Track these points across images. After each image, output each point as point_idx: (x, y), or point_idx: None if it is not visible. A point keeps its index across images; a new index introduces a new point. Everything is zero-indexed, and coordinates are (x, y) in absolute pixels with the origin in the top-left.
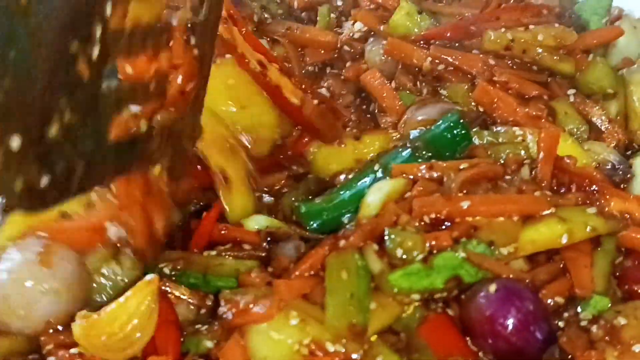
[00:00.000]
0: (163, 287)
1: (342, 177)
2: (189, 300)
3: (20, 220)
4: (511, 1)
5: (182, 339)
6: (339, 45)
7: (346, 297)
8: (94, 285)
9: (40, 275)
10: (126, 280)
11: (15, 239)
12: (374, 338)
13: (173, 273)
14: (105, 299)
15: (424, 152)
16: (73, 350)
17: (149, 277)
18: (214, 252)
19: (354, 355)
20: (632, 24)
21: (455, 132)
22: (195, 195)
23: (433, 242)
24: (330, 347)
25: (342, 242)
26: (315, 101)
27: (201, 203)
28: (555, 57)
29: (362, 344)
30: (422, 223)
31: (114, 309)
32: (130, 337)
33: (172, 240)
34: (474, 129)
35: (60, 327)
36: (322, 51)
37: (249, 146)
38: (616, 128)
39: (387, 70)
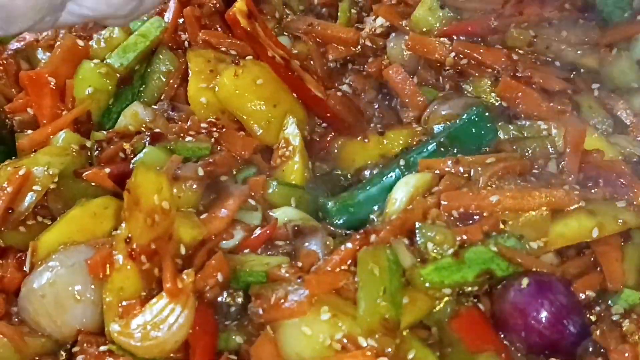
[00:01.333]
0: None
1: (367, 172)
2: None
3: (72, 227)
4: None
5: None
6: (360, 41)
7: (379, 292)
8: None
9: (80, 286)
10: None
11: (67, 244)
12: (405, 333)
13: None
14: None
15: (449, 147)
16: (102, 348)
17: (185, 274)
18: None
19: (387, 350)
20: None
21: (480, 125)
22: None
23: (464, 237)
24: (363, 342)
25: (372, 237)
26: (339, 93)
27: None
28: (578, 52)
29: (394, 338)
30: (451, 217)
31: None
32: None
33: None
34: (499, 123)
35: None
36: (344, 47)
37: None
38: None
39: (409, 65)
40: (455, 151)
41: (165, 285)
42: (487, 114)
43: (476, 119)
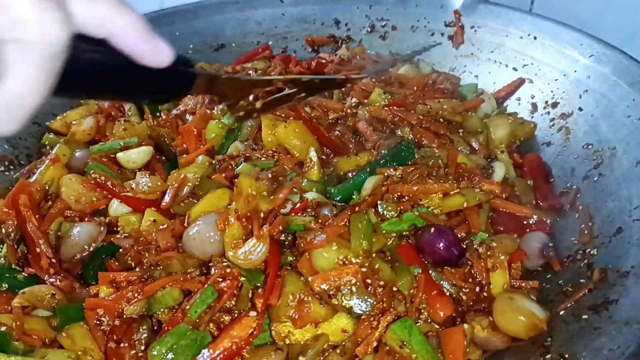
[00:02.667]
0: None
1: (350, 174)
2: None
3: (207, 204)
4: (430, 83)
5: None
6: (344, 110)
7: (361, 235)
8: None
9: (212, 233)
10: None
11: (205, 213)
12: (374, 255)
13: None
14: None
15: (391, 162)
16: (224, 263)
17: (264, 228)
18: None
19: (365, 264)
20: (487, 97)
21: (407, 150)
22: None
23: (401, 207)
24: (354, 260)
25: (357, 208)
26: (336, 134)
27: None
28: (452, 115)
29: (369, 258)
30: (394, 198)
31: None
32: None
33: None
34: (416, 149)
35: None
36: (336, 112)
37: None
38: (482, 148)
39: (369, 121)
40: (394, 164)
41: (254, 232)
42: (410, 145)
43: (404, 147)
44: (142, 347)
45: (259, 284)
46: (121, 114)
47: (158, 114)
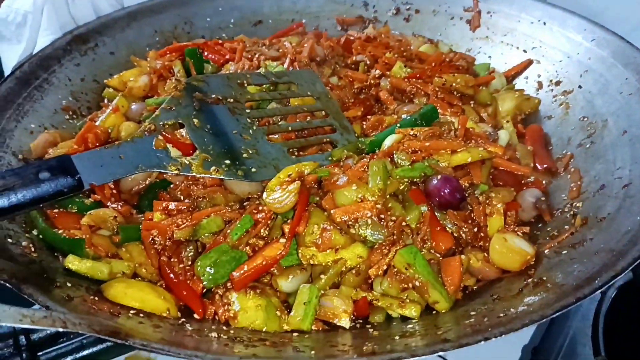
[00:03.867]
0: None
1: (373, 134)
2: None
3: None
4: (447, 60)
5: None
6: (368, 80)
7: (377, 178)
8: None
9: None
10: None
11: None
12: (388, 196)
13: None
14: None
15: (419, 121)
16: (259, 201)
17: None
18: None
19: (380, 202)
20: (498, 75)
21: (433, 112)
22: None
23: (414, 158)
24: (370, 198)
25: (376, 156)
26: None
27: None
28: (465, 88)
29: (384, 198)
30: (409, 151)
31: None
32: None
33: None
34: None
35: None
36: (360, 82)
37: None
38: (490, 119)
39: (390, 91)
40: (421, 122)
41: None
42: (434, 107)
43: (430, 109)
44: (189, 263)
45: (288, 218)
46: (171, 74)
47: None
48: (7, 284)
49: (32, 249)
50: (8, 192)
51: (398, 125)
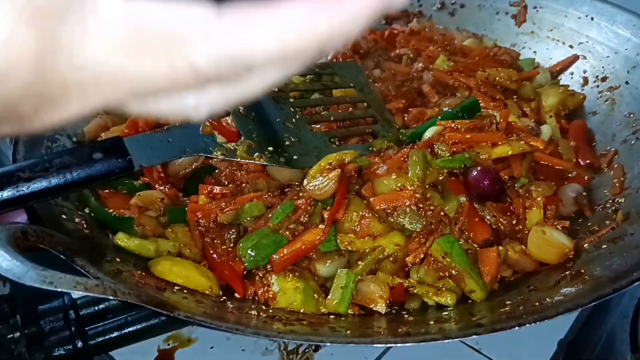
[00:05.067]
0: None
1: (414, 126)
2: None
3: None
4: (491, 55)
5: None
6: (411, 73)
7: (417, 168)
8: None
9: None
10: None
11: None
12: (427, 186)
13: None
14: None
15: (461, 113)
16: (299, 188)
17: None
18: None
19: (419, 192)
20: (543, 70)
21: (475, 104)
22: None
23: (454, 149)
24: (409, 187)
25: (416, 146)
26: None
27: None
28: (508, 82)
29: (423, 187)
30: (449, 143)
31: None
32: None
33: None
34: None
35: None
36: (403, 75)
37: None
38: (533, 114)
39: (432, 84)
40: (464, 115)
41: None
42: (477, 100)
43: (472, 101)
44: (232, 245)
45: (328, 205)
46: None
47: None
48: (62, 256)
49: (85, 226)
50: (64, 171)
51: (439, 117)
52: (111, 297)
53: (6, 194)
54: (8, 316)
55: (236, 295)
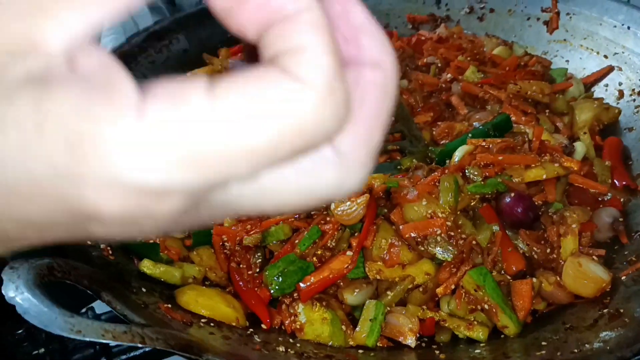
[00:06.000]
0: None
1: (443, 142)
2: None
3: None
4: (522, 64)
5: None
6: (439, 85)
7: (448, 194)
8: None
9: None
10: None
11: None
12: (458, 213)
13: None
14: None
15: (492, 131)
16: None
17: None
18: None
19: (450, 219)
20: (576, 81)
21: (507, 122)
22: None
23: (486, 173)
24: (440, 215)
25: (447, 170)
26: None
27: None
28: (540, 95)
29: (454, 214)
30: (480, 165)
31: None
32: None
33: None
34: None
35: None
36: (431, 86)
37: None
38: (566, 129)
39: (461, 96)
40: (495, 133)
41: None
42: (509, 117)
43: (504, 118)
44: (257, 270)
45: (356, 230)
46: None
47: None
48: (88, 290)
49: (110, 252)
50: None
51: (469, 134)
52: (139, 345)
53: None
54: None
55: (263, 326)
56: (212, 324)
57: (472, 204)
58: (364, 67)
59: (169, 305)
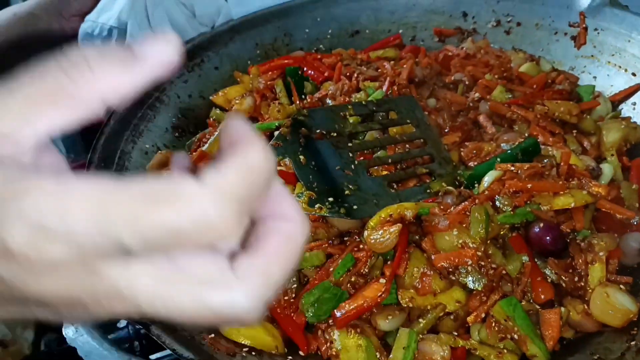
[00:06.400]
0: None
1: (472, 164)
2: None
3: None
4: (549, 82)
5: None
6: (467, 103)
7: (479, 225)
8: None
9: None
10: None
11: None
12: (488, 242)
13: None
14: None
15: (521, 155)
16: (359, 239)
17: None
18: None
19: (481, 249)
20: (603, 99)
21: (535, 146)
22: None
23: (516, 202)
24: (470, 245)
25: (477, 200)
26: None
27: None
28: (567, 115)
29: (484, 244)
30: (510, 192)
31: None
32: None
33: None
34: None
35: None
36: (459, 105)
37: None
38: (593, 149)
39: (488, 115)
40: (524, 158)
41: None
42: (537, 141)
43: (532, 143)
44: (293, 295)
45: (389, 257)
46: (273, 94)
47: (303, 96)
48: (138, 325)
49: None
50: None
51: (498, 159)
52: None
53: None
54: None
55: (300, 353)
56: (253, 353)
57: (502, 232)
58: (280, 219)
59: (213, 335)
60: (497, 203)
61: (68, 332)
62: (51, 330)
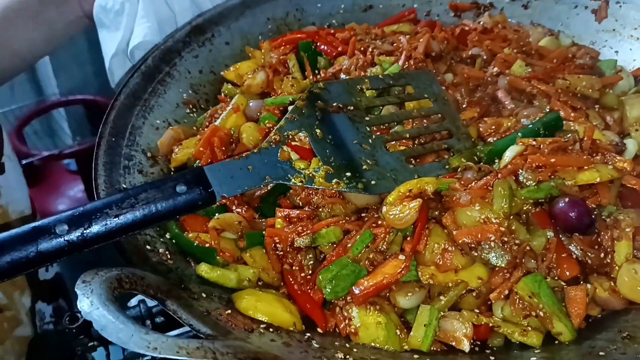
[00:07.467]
0: None
1: (491, 139)
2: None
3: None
4: (570, 56)
5: None
6: (485, 78)
7: (502, 200)
8: None
9: None
10: None
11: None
12: (512, 218)
13: None
14: None
15: (543, 130)
16: (377, 215)
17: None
18: None
19: (504, 224)
20: (626, 74)
21: (558, 121)
22: None
23: (539, 177)
24: (494, 220)
25: (499, 175)
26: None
27: None
28: (589, 90)
29: (508, 219)
30: (532, 167)
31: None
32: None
33: None
34: None
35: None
36: (476, 80)
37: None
38: (616, 125)
39: (507, 90)
40: (545, 132)
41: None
42: (559, 116)
43: (555, 117)
44: (310, 272)
45: (408, 233)
46: (286, 69)
47: (317, 71)
48: (154, 300)
49: (168, 256)
50: (149, 205)
51: (519, 134)
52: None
53: (96, 229)
54: None
55: (318, 329)
56: (271, 329)
57: (526, 208)
58: None
59: (230, 311)
60: (521, 178)
61: (83, 305)
62: (43, 298)
